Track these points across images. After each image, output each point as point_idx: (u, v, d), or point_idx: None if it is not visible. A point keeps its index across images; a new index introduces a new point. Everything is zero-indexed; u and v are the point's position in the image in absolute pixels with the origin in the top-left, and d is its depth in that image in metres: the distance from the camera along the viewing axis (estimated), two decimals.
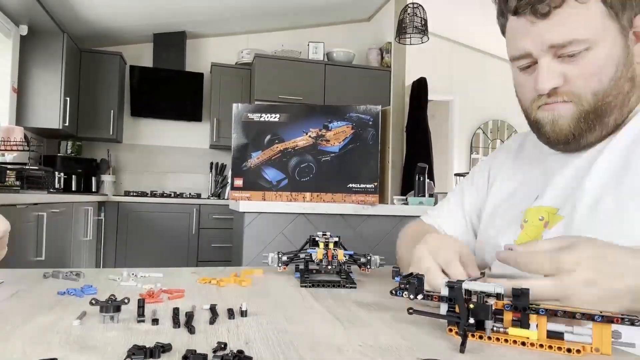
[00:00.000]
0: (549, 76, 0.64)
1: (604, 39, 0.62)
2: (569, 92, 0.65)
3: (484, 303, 0.47)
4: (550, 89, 0.65)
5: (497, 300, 0.48)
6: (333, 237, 0.87)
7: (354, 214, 2.09)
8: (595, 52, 0.62)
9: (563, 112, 0.66)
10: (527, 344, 0.46)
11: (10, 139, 3.06)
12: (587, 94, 0.64)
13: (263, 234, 1.98)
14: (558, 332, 0.46)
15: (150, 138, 4.61)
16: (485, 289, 0.48)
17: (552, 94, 0.66)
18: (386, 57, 4.45)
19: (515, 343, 0.47)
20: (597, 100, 0.64)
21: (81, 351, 0.42)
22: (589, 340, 0.45)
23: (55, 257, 2.77)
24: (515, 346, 0.47)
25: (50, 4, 3.47)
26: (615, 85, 0.63)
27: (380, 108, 2.07)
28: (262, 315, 0.57)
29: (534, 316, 0.46)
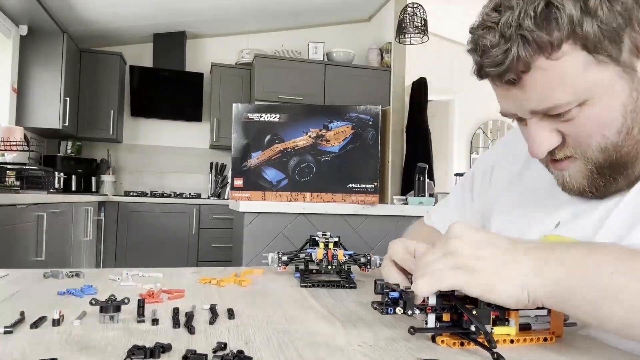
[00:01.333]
0: (540, 139, 0.55)
1: (596, 92, 0.51)
2: (571, 147, 0.55)
3: (484, 307, 0.47)
4: (546, 151, 0.56)
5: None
6: (333, 237, 0.87)
7: (354, 214, 2.09)
8: (590, 108, 0.51)
9: (573, 171, 0.57)
10: (507, 341, 0.47)
11: (10, 139, 3.06)
12: (592, 151, 0.54)
13: (263, 234, 1.98)
14: (527, 324, 0.48)
15: (150, 138, 4.61)
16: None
17: (553, 152, 0.57)
18: (386, 57, 4.45)
19: (505, 342, 0.47)
20: (607, 155, 0.54)
21: (81, 351, 0.42)
22: (547, 326, 0.48)
23: (55, 257, 2.77)
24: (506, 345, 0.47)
25: (50, 4, 3.47)
26: (628, 136, 0.52)
27: (380, 108, 2.07)
28: (262, 315, 0.57)
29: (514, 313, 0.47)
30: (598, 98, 0.51)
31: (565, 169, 0.58)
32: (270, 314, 0.57)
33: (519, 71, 0.51)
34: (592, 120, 0.52)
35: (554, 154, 0.57)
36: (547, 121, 0.54)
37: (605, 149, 0.54)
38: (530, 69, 0.50)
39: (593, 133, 0.53)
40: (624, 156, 0.54)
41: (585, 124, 0.53)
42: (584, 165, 0.56)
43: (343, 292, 0.73)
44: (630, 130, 0.52)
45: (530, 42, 0.49)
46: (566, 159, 0.57)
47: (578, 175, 0.57)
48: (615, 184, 0.56)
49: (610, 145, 0.53)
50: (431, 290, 0.46)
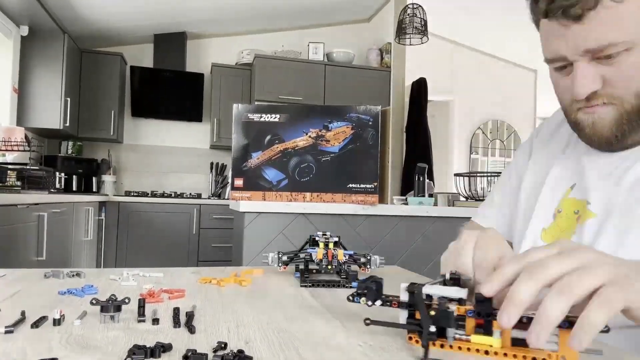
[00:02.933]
0: (586, 81, 0.60)
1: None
2: (609, 94, 0.61)
3: (446, 309, 0.45)
4: (588, 94, 0.61)
5: (459, 305, 0.45)
6: (333, 237, 0.87)
7: (354, 214, 2.09)
8: (636, 53, 0.57)
9: (603, 115, 0.62)
10: (491, 353, 0.44)
11: (11, 139, 3.06)
12: (629, 96, 0.60)
13: (263, 234, 1.98)
14: (522, 340, 0.42)
15: (151, 138, 4.61)
16: (447, 294, 0.46)
17: (591, 97, 0.61)
18: (386, 57, 4.45)
19: (478, 352, 0.44)
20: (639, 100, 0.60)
21: (81, 351, 0.42)
22: (555, 348, 0.41)
23: (56, 257, 2.77)
24: (479, 354, 0.44)
25: (50, 5, 3.47)
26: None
27: (380, 108, 2.07)
28: (262, 315, 0.57)
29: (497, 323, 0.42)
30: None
31: (598, 113, 0.62)
32: (270, 314, 0.57)
33: (586, 7, 0.56)
34: (636, 64, 0.58)
35: (590, 99, 0.62)
36: (593, 65, 0.59)
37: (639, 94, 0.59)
38: (596, 6, 0.56)
39: (634, 77, 0.58)
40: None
41: (629, 68, 0.58)
42: (617, 111, 0.61)
43: (343, 292, 0.74)
44: None
45: None
46: (601, 105, 0.61)
47: (607, 119, 0.62)
48: (636, 133, 0.62)
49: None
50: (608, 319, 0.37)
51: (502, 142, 5.96)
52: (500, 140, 5.95)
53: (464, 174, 2.70)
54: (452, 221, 2.24)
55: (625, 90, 0.60)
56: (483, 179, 2.72)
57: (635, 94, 0.60)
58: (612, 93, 0.60)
